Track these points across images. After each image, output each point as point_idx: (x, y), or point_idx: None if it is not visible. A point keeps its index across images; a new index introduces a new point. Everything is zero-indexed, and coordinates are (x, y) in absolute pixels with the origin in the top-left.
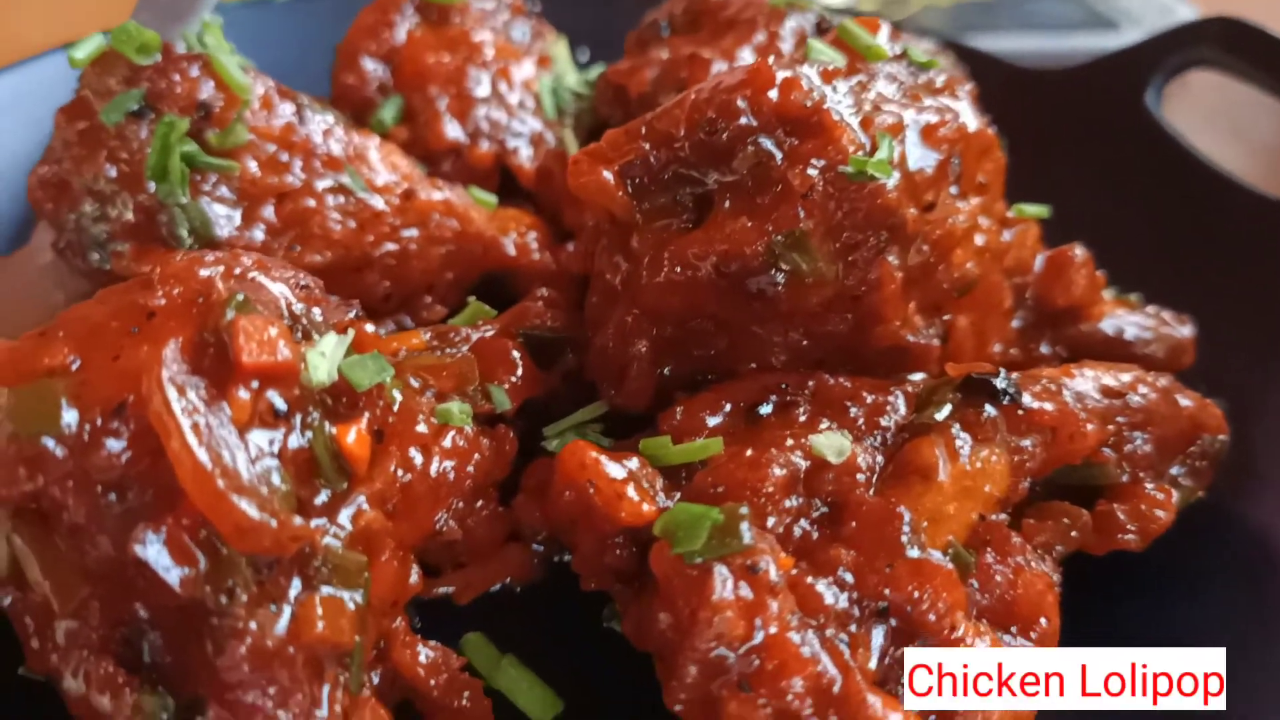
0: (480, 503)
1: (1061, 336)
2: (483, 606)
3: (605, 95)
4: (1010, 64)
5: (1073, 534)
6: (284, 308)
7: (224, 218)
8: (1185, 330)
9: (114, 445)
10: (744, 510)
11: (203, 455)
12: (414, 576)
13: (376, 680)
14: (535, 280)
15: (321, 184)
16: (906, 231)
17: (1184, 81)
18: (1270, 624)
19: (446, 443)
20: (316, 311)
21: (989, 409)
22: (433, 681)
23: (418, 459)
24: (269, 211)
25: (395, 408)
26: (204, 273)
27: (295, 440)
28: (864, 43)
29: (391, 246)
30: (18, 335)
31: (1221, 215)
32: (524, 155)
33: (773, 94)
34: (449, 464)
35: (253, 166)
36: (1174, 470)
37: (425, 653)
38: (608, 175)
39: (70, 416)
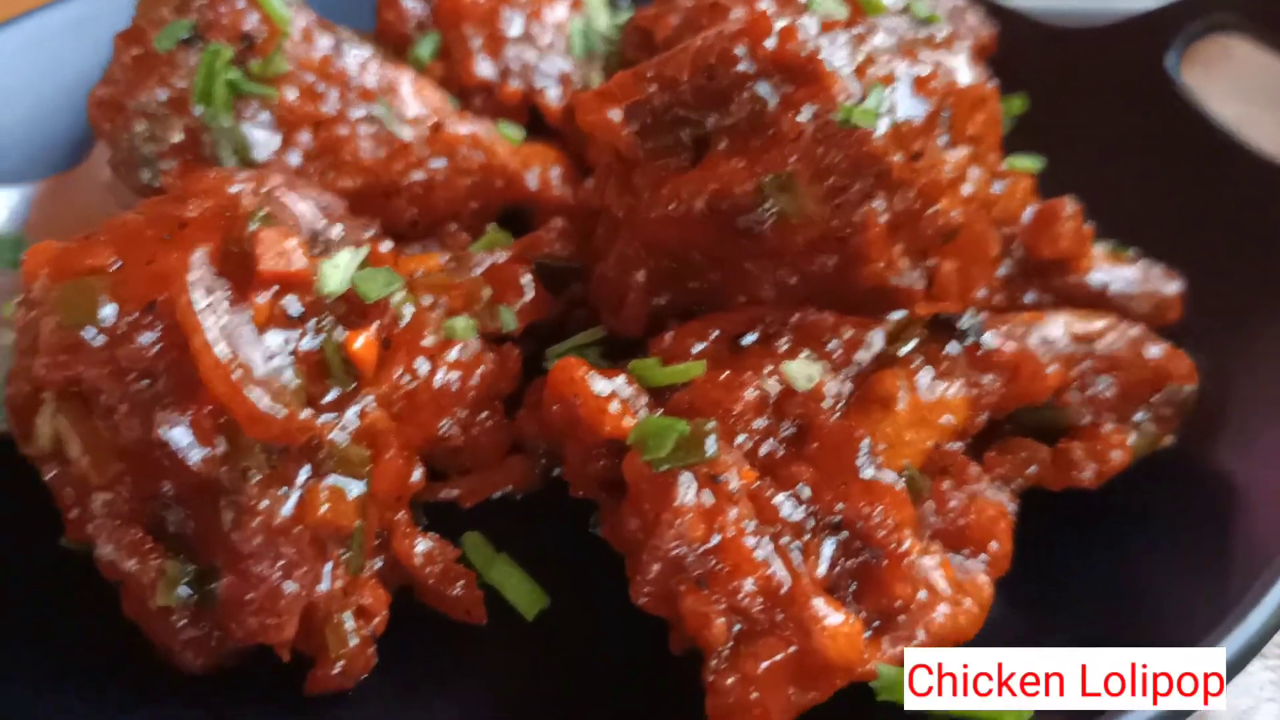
0: (485, 414)
1: (1048, 286)
2: (485, 511)
3: (632, 39)
4: (1034, 20)
5: (1031, 468)
6: (305, 224)
7: (263, 142)
8: (1172, 286)
9: (145, 338)
10: (710, 425)
11: (221, 350)
12: (416, 475)
13: (379, 566)
14: (555, 213)
15: (355, 113)
16: (893, 178)
17: (1225, 50)
18: (1231, 564)
19: (452, 355)
20: (337, 229)
21: (952, 346)
22: (429, 570)
23: (423, 367)
24: (305, 138)
25: (405, 320)
26: (232, 189)
27: (308, 342)
28: None
29: (419, 175)
30: None
31: (1228, 178)
32: (552, 94)
33: (770, 42)
34: (453, 375)
35: (291, 95)
36: (1138, 416)
37: (423, 544)
38: (614, 115)
39: (108, 310)
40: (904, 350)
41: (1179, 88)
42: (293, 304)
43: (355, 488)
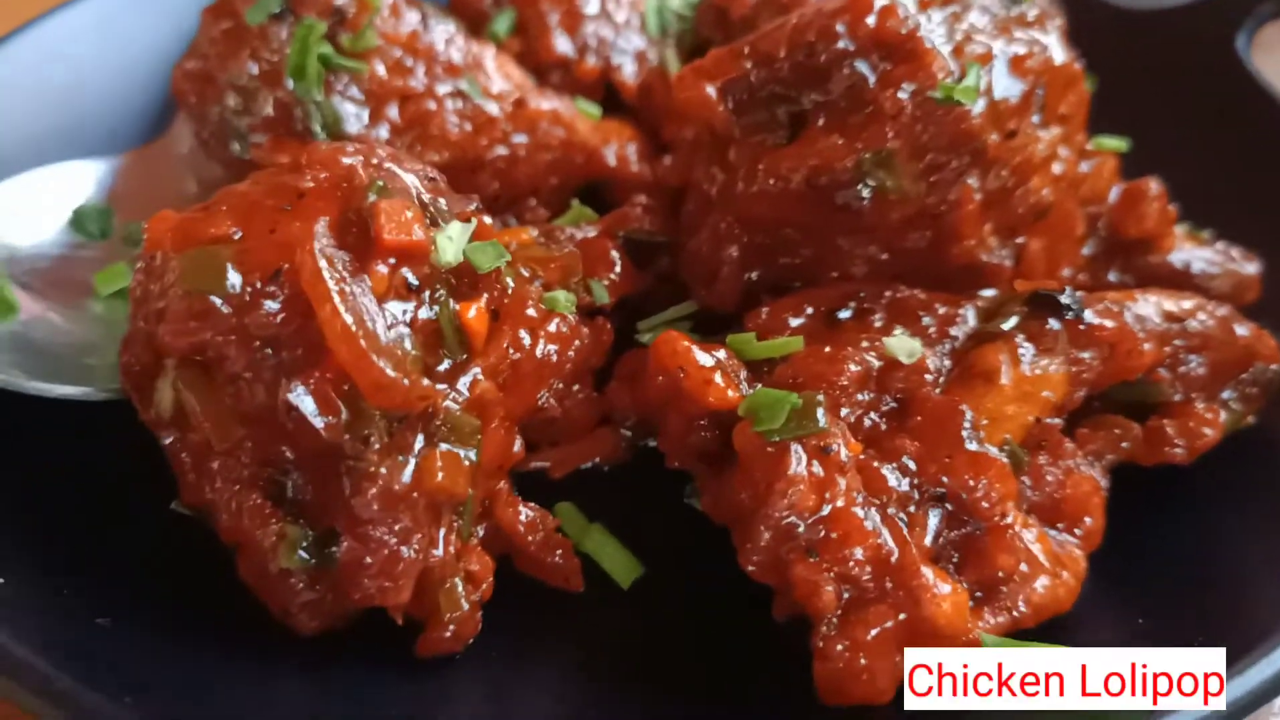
0: (577, 386)
1: (1130, 266)
2: (574, 481)
3: (707, 17)
4: (1105, 3)
5: (1123, 444)
6: (415, 196)
7: (353, 115)
8: (1251, 267)
9: (271, 306)
10: (820, 398)
11: (349, 319)
12: (517, 445)
13: (481, 533)
14: (633, 189)
15: (442, 88)
16: (988, 157)
17: None
18: None
19: (551, 328)
20: (442, 201)
21: (1052, 322)
22: (530, 538)
23: (526, 340)
24: (393, 112)
25: (510, 292)
26: (347, 160)
27: (424, 313)
28: None
29: (502, 150)
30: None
31: None
32: (628, 71)
33: (870, 20)
34: (553, 347)
35: (380, 69)
36: (1226, 394)
37: (525, 512)
38: (711, 91)
39: (234, 279)
40: (1006, 326)
41: (1249, 69)
42: (410, 275)
43: (468, 455)
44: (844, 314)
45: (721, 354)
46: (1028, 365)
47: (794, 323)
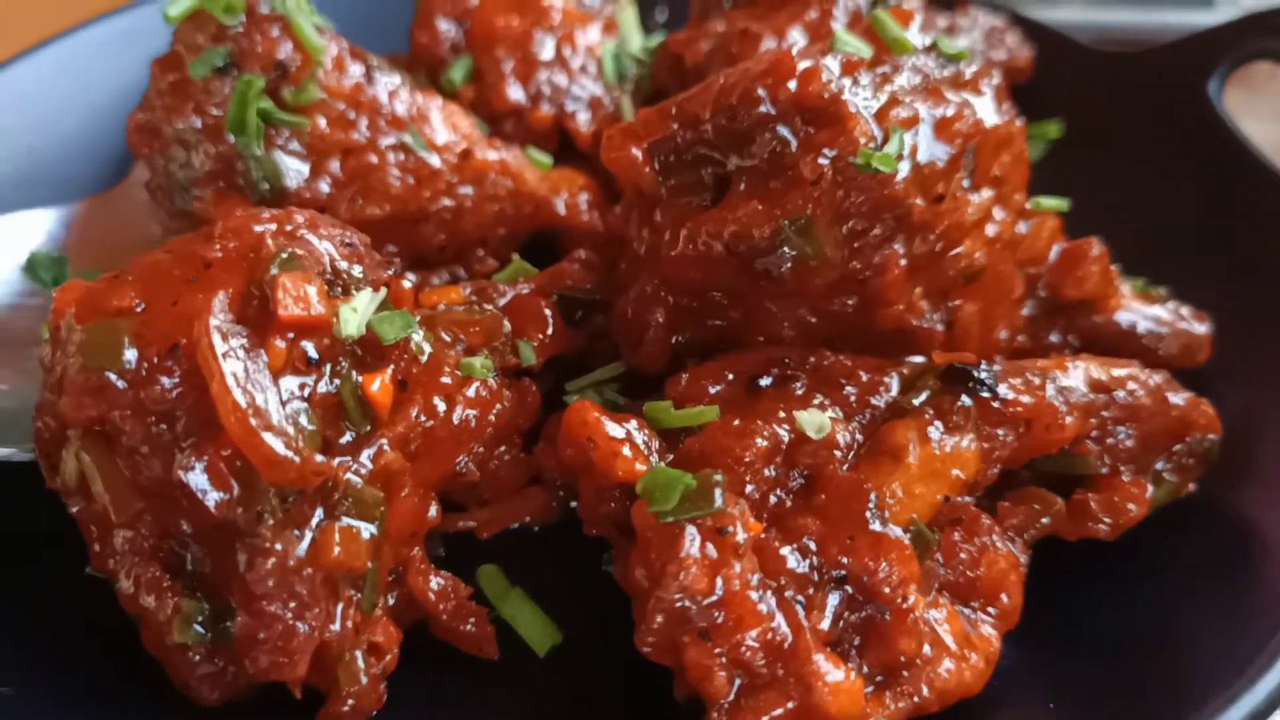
0: (503, 448)
1: (1073, 326)
2: (503, 542)
3: (663, 64)
4: (1076, 42)
5: (1044, 520)
6: (327, 264)
7: (294, 170)
8: (1201, 328)
9: (167, 381)
10: (718, 477)
11: (239, 396)
12: (433, 511)
13: (393, 601)
14: (583, 238)
15: (385, 141)
16: (913, 221)
17: (1271, 71)
18: (1253, 616)
19: (470, 392)
20: (357, 268)
21: (964, 398)
22: (442, 606)
23: (440, 406)
24: (335, 165)
25: (424, 358)
26: (258, 228)
27: (324, 386)
28: (891, 34)
29: (447, 202)
30: (122, 259)
31: (1268, 211)
32: (582, 119)
33: (792, 84)
34: (471, 412)
35: (322, 123)
36: (1159, 465)
37: (436, 581)
38: (636, 152)
39: (131, 354)
40: (917, 401)
41: (1221, 116)
42: (310, 348)
43: (368, 529)
44: (765, 381)
45: (633, 424)
46: (936, 443)
47: (713, 390)
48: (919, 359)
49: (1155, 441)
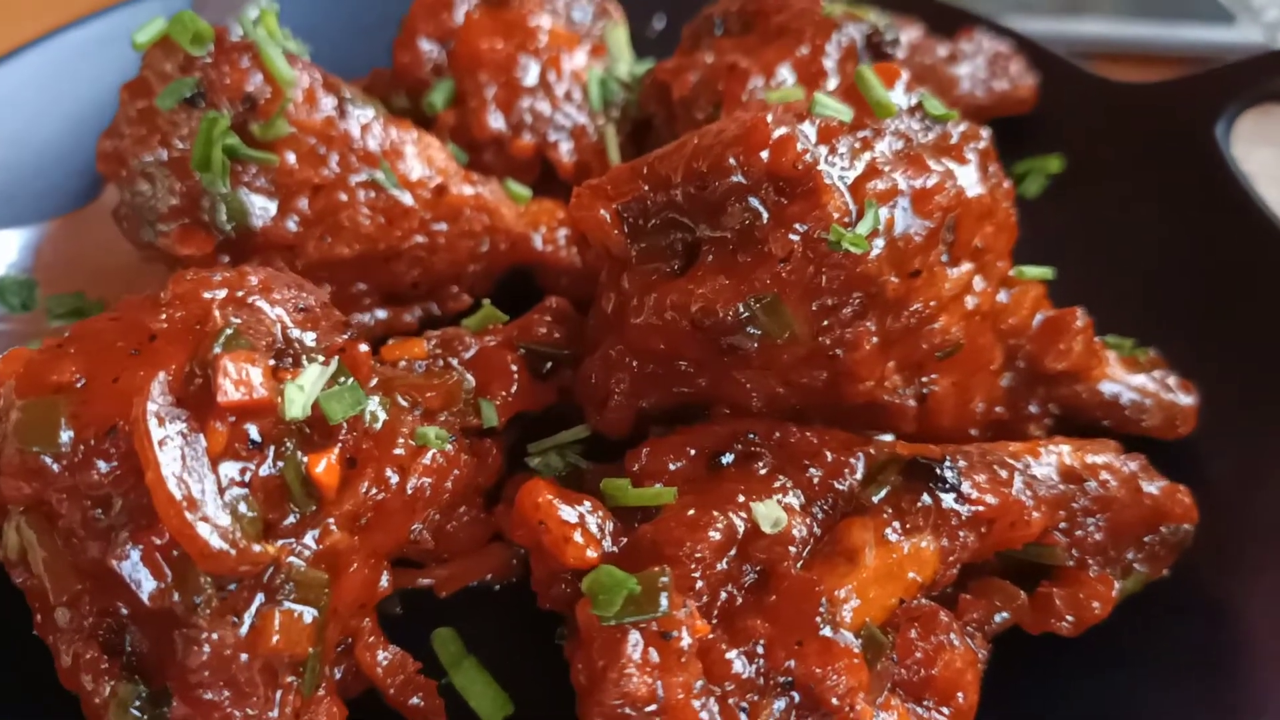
0: (463, 508)
1: (1053, 395)
2: (462, 598)
3: (650, 92)
4: (1083, 70)
5: (1005, 614)
6: (278, 332)
7: (260, 208)
8: (1187, 400)
9: (104, 465)
10: (665, 579)
11: (174, 486)
12: (384, 582)
13: (340, 674)
14: (561, 274)
15: (355, 179)
16: (886, 298)
17: None
18: (1230, 714)
19: (425, 460)
20: (310, 335)
21: (925, 498)
22: (390, 680)
23: (394, 478)
24: (303, 203)
25: (378, 425)
26: (207, 294)
27: (267, 469)
28: (875, 97)
29: (420, 239)
30: (95, 281)
31: (1267, 271)
32: (564, 149)
33: (764, 154)
34: (426, 480)
35: (291, 158)
36: (1130, 555)
37: (384, 655)
38: (605, 214)
39: (67, 436)
40: (876, 497)
41: (1228, 161)
42: (253, 431)
43: (311, 613)
44: (726, 459)
45: (586, 506)
46: (894, 543)
47: (673, 466)
48: (888, 436)
49: (1127, 532)
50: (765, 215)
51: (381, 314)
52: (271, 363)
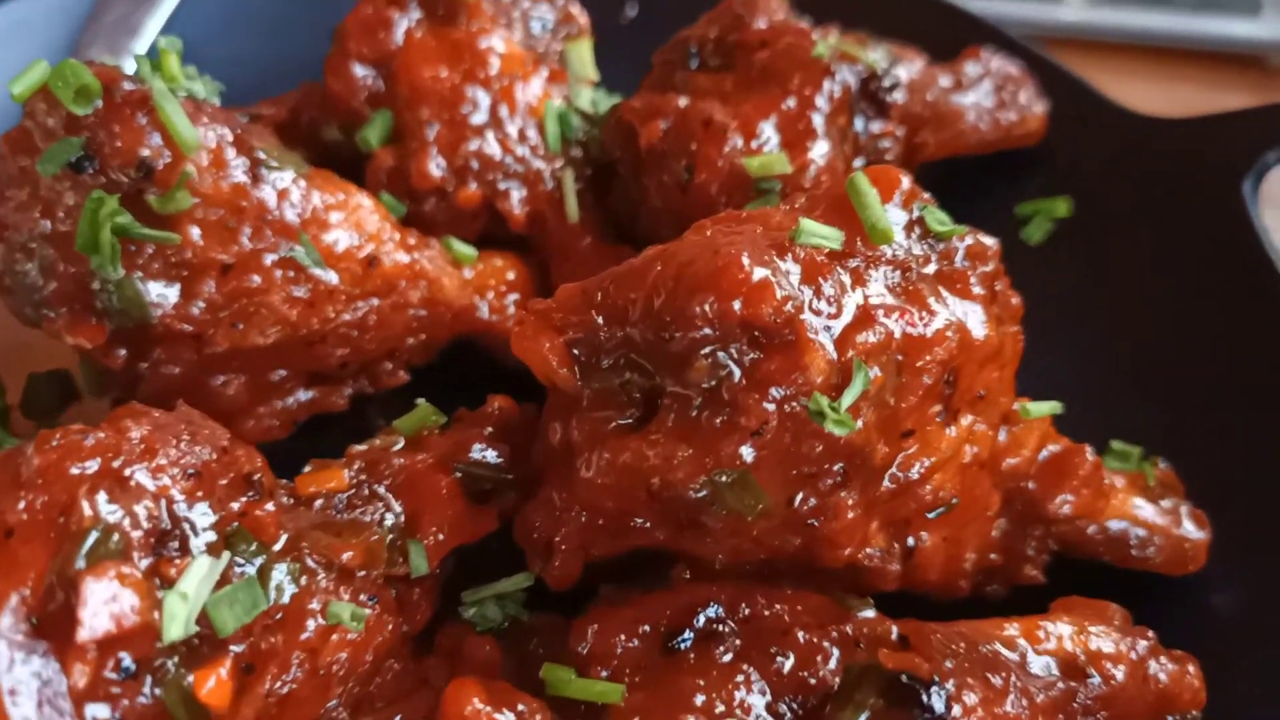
0: (390, 661)
1: (1053, 534)
2: None
3: (615, 136)
4: (1101, 96)
5: None
6: (162, 512)
7: (159, 295)
8: (1199, 534)
9: None
10: None
11: None
12: None
13: None
14: (507, 346)
15: (270, 257)
16: (873, 465)
17: None
18: None
19: (336, 636)
20: (200, 510)
21: None
22: None
23: (302, 666)
24: (210, 286)
25: (285, 599)
26: (75, 470)
27: (145, 698)
28: (871, 219)
29: (348, 317)
30: None
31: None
32: (515, 198)
33: (737, 305)
34: (341, 655)
35: (195, 234)
36: None
37: None
38: (552, 348)
39: None
40: None
41: (1254, 225)
42: (127, 658)
43: None
44: (684, 641)
45: (522, 707)
46: None
47: (623, 647)
48: (869, 613)
49: None
50: (736, 374)
51: (306, 395)
52: (146, 561)
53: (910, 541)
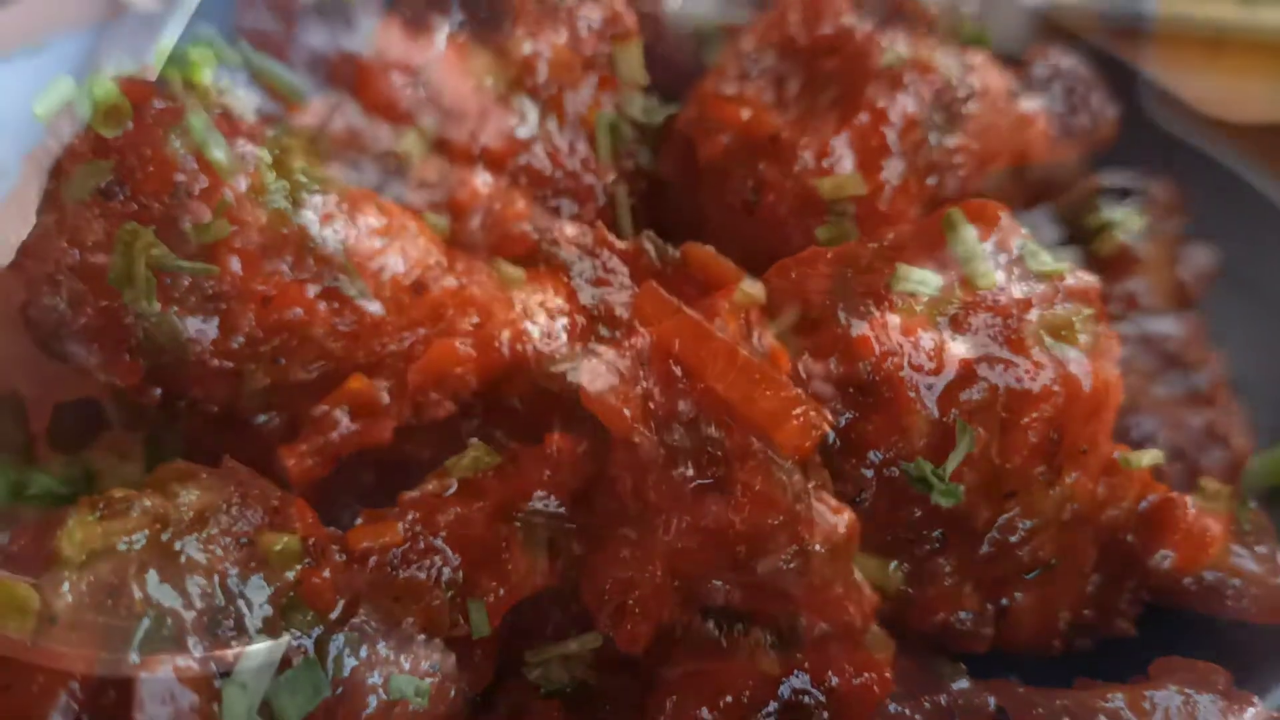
0: None
1: (1148, 585)
2: None
3: (671, 149)
4: (1185, 105)
5: None
6: (215, 589)
7: (197, 330)
8: None
9: None
10: None
11: None
12: None
13: None
14: None
15: (313, 288)
16: (974, 530)
17: None
18: None
19: (399, 710)
20: (255, 584)
21: None
22: None
23: None
24: (251, 319)
25: (345, 673)
26: (122, 546)
27: None
28: (973, 265)
29: (393, 348)
30: None
31: None
32: (565, 211)
33: (833, 363)
34: None
35: (235, 264)
36: None
37: None
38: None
39: None
40: None
41: None
42: None
43: None
44: (768, 717)
45: None
46: None
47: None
48: (964, 683)
49: None
50: (830, 434)
51: (349, 427)
52: (200, 648)
53: (1004, 601)
